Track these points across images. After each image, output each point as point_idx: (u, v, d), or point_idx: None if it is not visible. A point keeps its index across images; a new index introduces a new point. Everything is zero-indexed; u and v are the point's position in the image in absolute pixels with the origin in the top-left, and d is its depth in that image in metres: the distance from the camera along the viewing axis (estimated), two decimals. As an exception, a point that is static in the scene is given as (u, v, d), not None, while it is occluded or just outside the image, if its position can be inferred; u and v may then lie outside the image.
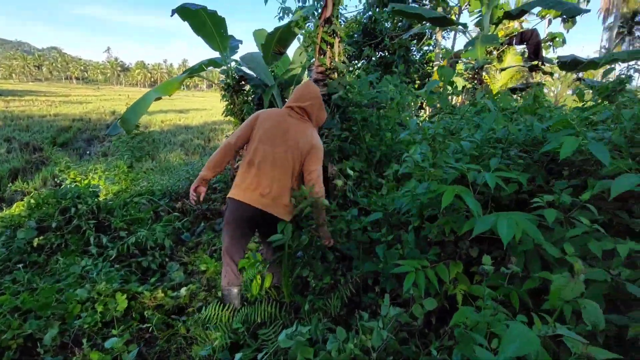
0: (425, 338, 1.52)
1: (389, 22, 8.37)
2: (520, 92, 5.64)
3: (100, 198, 3.99)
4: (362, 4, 8.54)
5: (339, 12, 3.20)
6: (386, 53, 7.88)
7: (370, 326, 1.34)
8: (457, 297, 1.33)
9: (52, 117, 18.61)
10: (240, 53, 4.79)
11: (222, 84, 4.50)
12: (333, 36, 3.16)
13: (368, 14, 8.35)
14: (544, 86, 6.59)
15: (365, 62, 7.94)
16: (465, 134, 1.86)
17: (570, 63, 5.43)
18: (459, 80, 5.90)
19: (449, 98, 2.13)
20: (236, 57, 4.66)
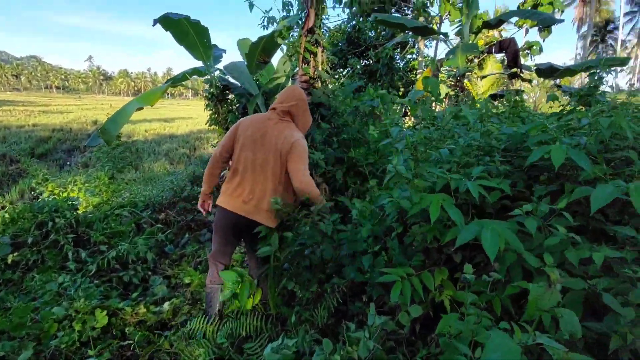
0: (413, 346, 1.51)
1: (372, 31, 8.51)
2: (500, 99, 5.80)
3: (80, 211, 3.86)
4: (347, 14, 8.68)
5: (322, 22, 3.24)
6: (370, 61, 7.99)
7: (357, 337, 1.33)
8: (445, 303, 1.33)
9: (30, 127, 18.07)
10: (224, 62, 4.81)
11: (206, 93, 4.47)
12: (316, 46, 3.19)
13: (352, 23, 8.48)
14: (523, 92, 6.80)
15: (350, 70, 8.03)
16: (448, 142, 1.88)
17: (547, 70, 5.62)
18: (442, 88, 6.03)
19: (433, 106, 2.16)
20: (220, 67, 4.65)
